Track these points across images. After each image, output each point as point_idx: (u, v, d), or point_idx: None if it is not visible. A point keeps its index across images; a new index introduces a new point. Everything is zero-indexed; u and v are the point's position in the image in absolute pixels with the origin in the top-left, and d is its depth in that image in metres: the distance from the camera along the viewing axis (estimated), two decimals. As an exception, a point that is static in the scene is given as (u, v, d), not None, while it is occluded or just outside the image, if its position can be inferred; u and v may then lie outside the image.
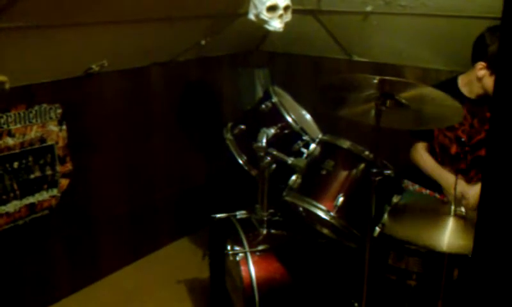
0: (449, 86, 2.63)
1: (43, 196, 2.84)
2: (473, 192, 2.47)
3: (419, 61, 3.23)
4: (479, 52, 2.46)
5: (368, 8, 2.97)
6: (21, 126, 2.66)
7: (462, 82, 2.61)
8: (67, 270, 3.08)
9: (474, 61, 2.49)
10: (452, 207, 1.94)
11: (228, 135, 2.64)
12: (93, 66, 2.85)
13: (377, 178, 1.95)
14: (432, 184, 2.61)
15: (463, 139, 2.53)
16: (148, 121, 3.43)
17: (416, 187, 2.65)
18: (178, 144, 3.65)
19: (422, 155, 2.67)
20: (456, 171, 2.62)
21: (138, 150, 3.40)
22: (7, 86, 0.94)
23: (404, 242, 2.07)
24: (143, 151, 3.43)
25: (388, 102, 1.94)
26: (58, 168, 2.88)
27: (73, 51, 2.69)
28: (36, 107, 2.72)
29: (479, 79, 2.47)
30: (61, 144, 2.87)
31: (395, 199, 2.14)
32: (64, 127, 2.87)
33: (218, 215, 2.57)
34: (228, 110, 3.88)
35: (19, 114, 2.65)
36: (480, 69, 2.45)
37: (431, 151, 2.68)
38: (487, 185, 1.05)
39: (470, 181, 2.60)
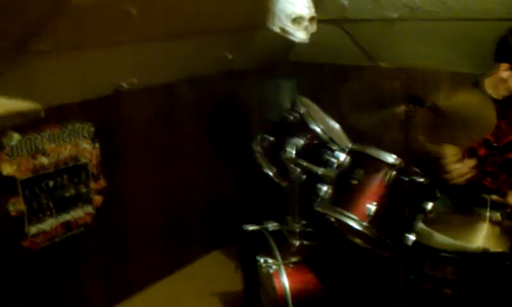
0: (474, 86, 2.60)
1: (78, 213, 2.89)
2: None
3: (447, 65, 3.18)
4: (502, 53, 2.43)
5: (394, 15, 2.96)
6: (55, 145, 2.72)
7: (487, 84, 2.57)
8: (102, 285, 3.12)
9: (497, 61, 2.46)
10: (488, 213, 1.91)
11: (257, 148, 2.65)
12: (123, 84, 2.90)
13: (409, 186, 1.94)
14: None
15: (495, 144, 2.49)
16: (178, 135, 3.46)
17: None
18: (208, 157, 3.68)
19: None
20: (484, 174, 2.58)
21: (169, 165, 3.44)
22: (42, 114, 0.98)
23: (440, 250, 2.04)
24: (173, 165, 3.47)
25: (416, 108, 1.92)
26: (92, 185, 2.94)
27: (103, 70, 2.74)
28: (69, 126, 2.78)
29: (503, 81, 2.44)
30: (94, 162, 2.92)
31: (428, 207, 2.11)
32: (96, 145, 2.93)
33: (250, 228, 2.58)
34: (256, 123, 3.89)
35: (53, 134, 2.71)
36: (505, 70, 2.41)
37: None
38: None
39: (500, 185, 2.54)
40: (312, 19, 2.71)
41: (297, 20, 2.64)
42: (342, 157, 2.35)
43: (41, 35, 2.10)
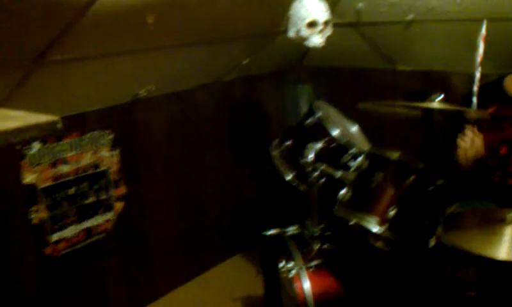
0: (494, 86, 2.58)
1: (99, 220, 2.93)
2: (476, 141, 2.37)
3: (465, 67, 3.16)
4: None
5: (410, 16, 2.94)
6: (75, 153, 2.76)
7: (508, 82, 2.55)
8: (123, 291, 3.15)
9: None
10: (509, 215, 1.89)
11: (275, 152, 2.65)
12: (141, 92, 2.93)
13: (429, 189, 1.93)
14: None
15: None
16: (196, 141, 3.49)
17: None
18: (227, 163, 3.70)
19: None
20: (506, 174, 2.55)
21: (188, 171, 3.46)
22: (59, 126, 0.99)
23: (462, 252, 2.02)
24: (193, 171, 3.49)
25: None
26: (112, 192, 2.97)
27: (122, 78, 2.77)
28: (89, 134, 2.82)
29: None
30: (114, 168, 2.96)
31: (449, 209, 2.10)
32: (116, 152, 2.96)
33: (269, 232, 2.58)
34: (274, 127, 3.90)
35: (73, 142, 2.74)
36: None
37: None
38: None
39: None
40: (326, 23, 2.70)
41: (312, 25, 2.64)
42: (361, 159, 2.34)
43: (60, 45, 2.13)
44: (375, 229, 2.11)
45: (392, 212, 2.08)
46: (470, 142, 2.31)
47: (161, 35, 2.55)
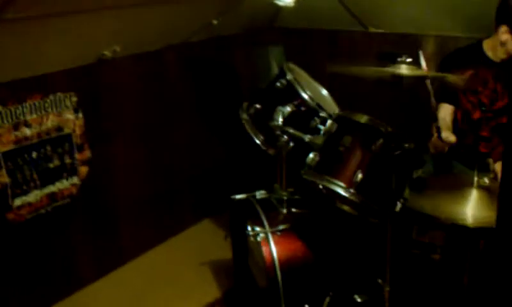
0: (474, 50, 2.59)
1: (63, 184, 2.86)
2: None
3: (437, 29, 3.14)
4: (502, 15, 2.39)
5: (383, -23, 2.89)
6: (37, 116, 2.66)
7: (487, 46, 2.55)
8: (91, 256, 3.11)
9: (498, 24, 2.42)
10: (475, 178, 1.89)
11: (244, 115, 2.61)
12: (106, 53, 2.84)
13: (397, 152, 1.91)
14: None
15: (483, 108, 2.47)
16: (164, 104, 3.42)
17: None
18: (197, 125, 3.64)
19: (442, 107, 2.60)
20: (477, 138, 2.57)
21: (156, 134, 3.40)
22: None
23: (427, 215, 2.03)
24: (161, 134, 3.43)
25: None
26: (77, 156, 2.89)
27: (85, 38, 2.68)
28: (51, 96, 2.72)
29: (502, 44, 2.41)
30: (78, 132, 2.88)
31: (416, 173, 2.09)
32: (80, 115, 2.87)
33: (238, 196, 2.56)
34: (245, 89, 3.84)
35: (34, 104, 2.65)
36: (503, 33, 2.38)
37: (454, 119, 2.62)
38: (509, 154, 1.02)
39: (492, 149, 2.54)
40: (298, -18, 2.64)
41: (282, -17, 2.58)
42: (330, 123, 2.31)
43: (20, 2, 2.03)
44: (342, 192, 2.09)
45: (360, 176, 2.06)
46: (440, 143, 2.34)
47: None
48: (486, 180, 1.90)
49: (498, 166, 2.40)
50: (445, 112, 2.60)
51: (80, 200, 2.96)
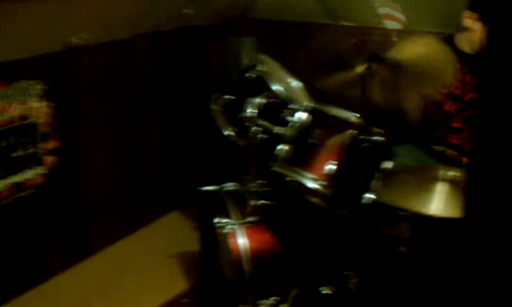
0: (446, 43, 2.61)
1: (28, 174, 2.79)
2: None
3: (407, 24, 3.16)
4: (475, 7, 2.42)
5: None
6: (0, 104, 2.59)
7: (459, 39, 2.58)
8: (58, 247, 3.06)
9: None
10: (442, 172, 1.91)
11: (214, 106, 2.58)
12: (74, 40, 2.78)
13: (366, 145, 1.91)
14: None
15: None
16: (134, 93, 3.37)
17: None
18: (166, 116, 3.60)
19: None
20: (449, 130, 2.60)
21: (126, 123, 3.35)
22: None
23: (395, 208, 2.04)
24: (130, 124, 3.38)
25: (373, 64, 1.90)
26: (42, 145, 2.83)
27: (52, 25, 2.62)
28: (15, 84, 2.65)
29: (475, 34, 2.43)
30: (43, 121, 2.81)
31: (385, 165, 2.10)
32: (46, 103, 2.81)
33: (206, 188, 2.54)
34: (215, 80, 3.81)
35: (-2, 92, 2.58)
36: (475, 22, 2.41)
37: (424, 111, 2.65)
38: (476, 147, 1.02)
39: (464, 141, 2.56)
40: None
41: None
42: (301, 115, 2.30)
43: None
44: (312, 185, 2.09)
45: (329, 168, 2.06)
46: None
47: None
48: (453, 173, 1.92)
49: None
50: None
51: (47, 190, 2.90)
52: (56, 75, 2.86)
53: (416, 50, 1.89)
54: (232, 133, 2.53)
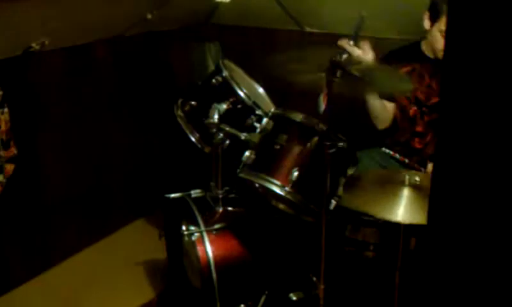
0: (412, 48, 2.66)
1: (-13, 183, 2.70)
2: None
3: (372, 31, 3.19)
4: (434, 15, 2.47)
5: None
6: (-43, 111, 2.51)
7: (425, 45, 2.62)
8: (19, 257, 2.99)
9: (432, 23, 2.49)
10: (407, 177, 1.94)
11: (179, 112, 2.56)
12: (33, 45, 2.71)
13: (331, 151, 1.93)
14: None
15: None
16: (96, 99, 3.31)
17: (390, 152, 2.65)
18: (129, 123, 3.55)
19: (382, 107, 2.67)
20: (413, 134, 2.64)
21: (87, 131, 3.29)
22: None
23: (360, 213, 2.06)
24: (92, 131, 3.32)
25: (338, 72, 1.91)
26: (2, 153, 2.74)
27: (11, 29, 2.53)
28: (-27, 90, 2.57)
29: (438, 40, 2.47)
30: (3, 128, 2.72)
31: (350, 171, 2.12)
32: (6, 110, 2.72)
33: (172, 195, 2.51)
34: (180, 86, 3.78)
35: (-46, 98, 2.49)
36: (425, 19, 2.46)
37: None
38: (440, 153, 1.03)
39: (426, 145, 2.61)
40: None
41: (218, -21, 2.55)
42: (266, 121, 2.30)
43: None
44: (278, 191, 2.09)
45: (295, 174, 2.06)
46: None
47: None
48: (418, 178, 1.94)
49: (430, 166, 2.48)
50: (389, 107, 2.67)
51: (6, 199, 2.81)
52: (13, 80, 2.79)
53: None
54: (198, 139, 2.51)
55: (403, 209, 1.84)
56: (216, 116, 2.33)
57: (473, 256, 1.00)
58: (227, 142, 2.38)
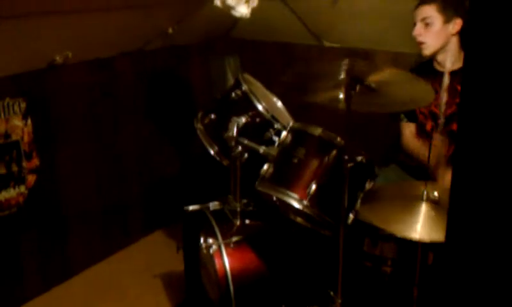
0: (426, 65, 2.66)
1: (10, 193, 2.76)
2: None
3: (389, 45, 3.21)
4: None
5: (337, -8, 2.94)
6: (-17, 122, 2.57)
7: (438, 59, 2.62)
8: (38, 268, 3.00)
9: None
10: (425, 192, 1.93)
11: (199, 125, 2.58)
12: (57, 58, 2.77)
13: (349, 165, 1.93)
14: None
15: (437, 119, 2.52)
16: (116, 112, 3.35)
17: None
18: (149, 135, 3.58)
19: (413, 139, 2.68)
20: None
21: (108, 143, 3.33)
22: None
23: (378, 228, 2.05)
24: (112, 143, 3.36)
25: (357, 86, 1.92)
26: (24, 164, 2.80)
27: (36, 42, 2.60)
28: (-1, 102, 2.63)
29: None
30: (26, 139, 2.78)
31: (368, 185, 2.12)
32: (29, 122, 2.79)
33: (191, 207, 2.52)
34: (199, 99, 3.82)
35: (-19, 109, 2.56)
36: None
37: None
38: (459, 167, 1.03)
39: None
40: (253, -7, 2.65)
41: (238, -6, 2.58)
42: (284, 135, 2.32)
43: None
44: (296, 204, 2.09)
45: (313, 188, 2.07)
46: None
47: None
48: (436, 194, 1.93)
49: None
50: (411, 131, 2.69)
51: (27, 210, 2.86)
52: (38, 92, 2.85)
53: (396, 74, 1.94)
54: (216, 152, 2.53)
55: (421, 225, 1.83)
56: (235, 130, 2.35)
57: (491, 272, 0.99)
58: (246, 155, 2.39)
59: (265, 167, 2.23)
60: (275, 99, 2.80)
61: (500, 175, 0.94)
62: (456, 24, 2.48)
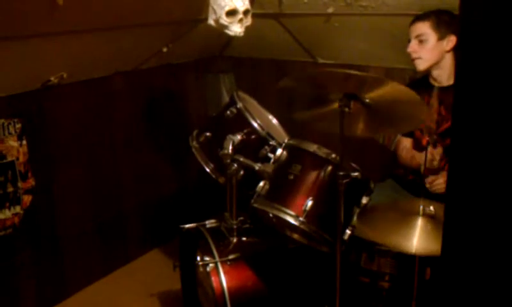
0: (421, 81, 2.69)
1: (5, 214, 2.75)
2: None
3: (383, 61, 3.23)
4: None
5: (330, 10, 2.96)
6: (-22, 143, 2.57)
7: (433, 74, 2.65)
8: (34, 289, 2.98)
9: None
10: (421, 207, 1.94)
11: (194, 143, 2.59)
12: (52, 79, 2.78)
13: (345, 181, 1.94)
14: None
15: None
16: (112, 131, 3.36)
17: None
18: (144, 154, 3.59)
19: (406, 153, 2.70)
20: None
21: (103, 162, 3.33)
22: None
23: (375, 243, 2.06)
24: (108, 163, 3.36)
25: (352, 102, 1.93)
26: (20, 185, 2.79)
27: (31, 63, 2.61)
28: (-7, 123, 2.64)
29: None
30: (21, 159, 2.78)
31: (364, 201, 2.12)
32: (24, 142, 2.79)
33: (187, 226, 2.52)
34: (194, 118, 3.83)
35: (-24, 131, 2.56)
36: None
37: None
38: (453, 180, 1.03)
39: (439, 171, 2.62)
40: (246, 12, 2.67)
41: (231, 13, 2.60)
42: (279, 152, 2.33)
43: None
44: (292, 221, 2.10)
45: (309, 204, 2.07)
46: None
47: (73, 19, 2.42)
48: (432, 208, 1.94)
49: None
50: (407, 146, 2.72)
51: (22, 230, 2.85)
52: (32, 113, 2.85)
53: (388, 92, 1.95)
54: (212, 170, 2.54)
55: (417, 240, 1.83)
56: (230, 147, 2.35)
57: (488, 286, 1.00)
58: (241, 172, 2.39)
59: (261, 184, 2.23)
60: (270, 116, 2.82)
61: (494, 187, 0.95)
62: (450, 41, 2.50)
